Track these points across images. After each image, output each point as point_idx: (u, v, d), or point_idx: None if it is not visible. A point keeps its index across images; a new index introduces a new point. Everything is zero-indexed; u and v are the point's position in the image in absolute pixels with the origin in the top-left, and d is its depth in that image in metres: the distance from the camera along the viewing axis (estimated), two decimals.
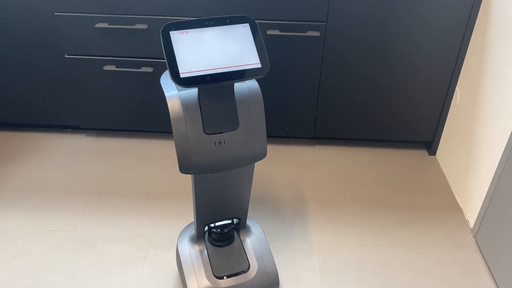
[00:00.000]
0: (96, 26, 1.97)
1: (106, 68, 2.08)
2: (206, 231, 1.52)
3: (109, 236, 1.77)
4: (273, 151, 2.28)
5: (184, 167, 1.20)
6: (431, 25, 1.92)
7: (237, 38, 1.16)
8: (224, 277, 1.42)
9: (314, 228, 1.83)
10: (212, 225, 1.49)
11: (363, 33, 1.95)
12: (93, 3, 1.93)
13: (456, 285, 1.60)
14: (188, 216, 1.88)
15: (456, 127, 2.05)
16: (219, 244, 1.50)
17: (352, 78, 2.07)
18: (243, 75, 1.14)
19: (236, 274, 1.43)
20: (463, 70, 2.01)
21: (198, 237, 1.48)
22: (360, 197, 1.99)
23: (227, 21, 1.17)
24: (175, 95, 1.18)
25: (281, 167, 2.17)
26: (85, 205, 1.91)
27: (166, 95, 1.18)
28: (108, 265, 1.65)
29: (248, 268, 1.44)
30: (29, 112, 2.26)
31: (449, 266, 1.68)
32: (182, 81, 1.10)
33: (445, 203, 1.97)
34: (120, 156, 2.22)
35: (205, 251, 1.47)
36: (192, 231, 1.52)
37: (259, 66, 1.15)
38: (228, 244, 1.51)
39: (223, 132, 1.20)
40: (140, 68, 2.08)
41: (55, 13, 1.97)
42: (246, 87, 1.23)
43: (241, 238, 1.53)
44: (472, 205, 1.85)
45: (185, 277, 1.42)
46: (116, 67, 2.08)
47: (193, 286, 1.39)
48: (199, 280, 1.40)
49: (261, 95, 1.24)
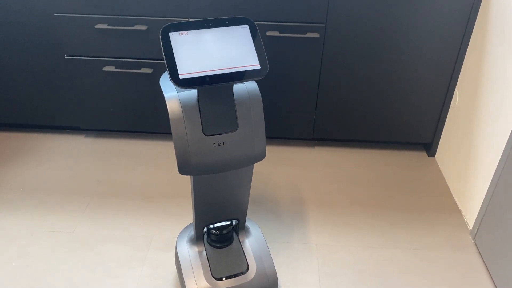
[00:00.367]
0: (96, 27, 1.97)
1: (106, 69, 2.08)
2: (205, 232, 1.52)
3: (108, 237, 1.77)
4: (272, 152, 2.28)
5: (183, 168, 1.20)
6: (431, 27, 1.92)
7: (237, 40, 1.16)
8: (223, 279, 1.42)
9: (313, 230, 1.83)
10: (211, 226, 1.49)
11: (363, 35, 1.95)
12: (93, 4, 1.93)
13: (455, 287, 1.60)
14: (187, 217, 1.88)
15: (456, 129, 2.05)
16: (218, 245, 1.50)
17: (352, 80, 2.07)
18: (242, 77, 1.14)
19: (235, 276, 1.43)
20: (462, 72, 2.01)
21: (197, 238, 1.48)
22: (359, 199, 1.99)
23: (227, 23, 1.17)
24: (174, 96, 1.18)
25: (280, 168, 2.17)
26: (84, 206, 1.91)
27: (165, 96, 1.18)
28: (107, 266, 1.65)
29: (247, 270, 1.44)
30: (29, 113, 2.26)
31: (448, 268, 1.68)
32: (181, 82, 1.10)
33: (444, 205, 1.97)
34: (120, 157, 2.22)
35: (204, 252, 1.47)
36: (191, 232, 1.52)
37: (258, 68, 1.16)
38: (227, 245, 1.50)
39: (222, 133, 1.20)
40: (140, 69, 2.08)
41: (55, 14, 1.97)
42: (245, 89, 1.23)
43: (240, 239, 1.53)
44: (471, 207, 1.85)
45: (184, 278, 1.42)
46: (116, 68, 2.08)
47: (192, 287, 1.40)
48: (198, 282, 1.40)
49: (260, 97, 1.24)
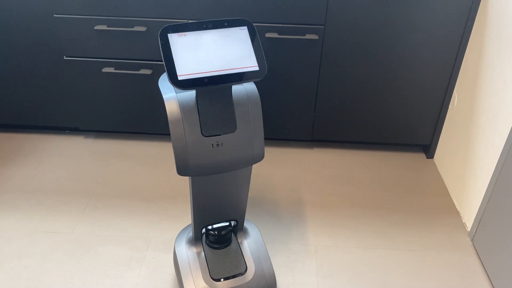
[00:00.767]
0: (95, 28, 1.98)
1: (105, 70, 2.08)
2: (204, 233, 1.52)
3: (107, 238, 1.77)
4: (271, 153, 2.28)
5: (182, 169, 1.20)
6: (429, 29, 1.93)
7: (235, 41, 1.17)
8: (222, 279, 1.41)
9: (312, 231, 1.83)
10: (210, 227, 1.49)
11: (361, 36, 1.96)
12: (92, 5, 1.94)
13: None
14: (186, 218, 1.88)
15: (454, 130, 2.05)
16: (217, 246, 1.50)
17: (350, 81, 2.08)
18: (241, 78, 1.14)
19: (234, 277, 1.43)
20: (461, 74, 2.01)
21: (196, 239, 1.48)
22: (358, 200, 1.99)
23: (225, 24, 1.17)
24: (173, 97, 1.18)
25: (279, 170, 2.17)
26: (83, 207, 1.91)
27: (164, 97, 1.19)
28: (106, 267, 1.65)
29: (246, 271, 1.44)
30: (28, 114, 2.26)
31: (446, 269, 1.68)
32: (180, 84, 1.10)
33: (443, 206, 1.97)
34: (118, 158, 2.22)
35: (203, 253, 1.47)
36: (190, 233, 1.52)
37: (257, 69, 1.16)
38: (226, 246, 1.50)
39: (221, 135, 1.20)
40: (139, 70, 2.08)
41: (54, 15, 1.97)
42: (244, 90, 1.24)
43: (239, 240, 1.53)
44: (469, 208, 1.85)
45: (182, 280, 1.42)
46: (115, 69, 2.08)
47: None
48: (197, 283, 1.40)
49: (259, 98, 1.24)
